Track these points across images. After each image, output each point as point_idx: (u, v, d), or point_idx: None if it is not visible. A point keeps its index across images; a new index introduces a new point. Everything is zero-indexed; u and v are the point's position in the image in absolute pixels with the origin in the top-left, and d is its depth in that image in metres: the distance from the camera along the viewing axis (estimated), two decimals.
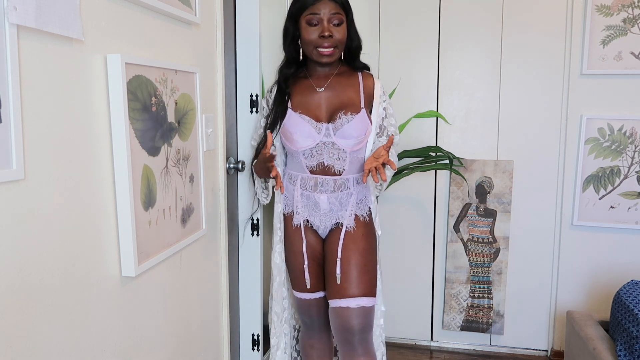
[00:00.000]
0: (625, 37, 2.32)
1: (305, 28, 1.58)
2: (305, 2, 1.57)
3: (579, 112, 2.42)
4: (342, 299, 1.61)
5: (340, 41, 1.59)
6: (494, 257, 2.56)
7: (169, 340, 1.38)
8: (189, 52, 1.44)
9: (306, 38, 1.59)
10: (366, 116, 1.63)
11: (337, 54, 1.62)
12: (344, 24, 1.59)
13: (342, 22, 1.58)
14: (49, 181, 0.91)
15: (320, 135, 1.61)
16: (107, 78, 1.06)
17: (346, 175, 1.65)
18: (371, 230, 1.70)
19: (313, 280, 1.71)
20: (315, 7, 1.56)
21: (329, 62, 1.62)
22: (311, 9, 1.56)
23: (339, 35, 1.58)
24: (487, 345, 2.65)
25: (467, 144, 2.57)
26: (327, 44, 1.57)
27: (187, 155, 1.41)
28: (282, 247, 1.75)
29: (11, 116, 0.80)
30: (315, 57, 1.61)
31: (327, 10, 1.56)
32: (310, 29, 1.57)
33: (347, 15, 1.61)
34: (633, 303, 1.73)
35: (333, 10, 1.56)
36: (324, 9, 1.55)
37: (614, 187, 2.41)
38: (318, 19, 1.56)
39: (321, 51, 1.58)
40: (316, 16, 1.56)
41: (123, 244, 1.12)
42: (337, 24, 1.57)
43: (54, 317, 0.93)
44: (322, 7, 1.55)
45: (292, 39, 1.65)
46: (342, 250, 1.64)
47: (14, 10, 0.79)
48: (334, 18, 1.57)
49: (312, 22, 1.57)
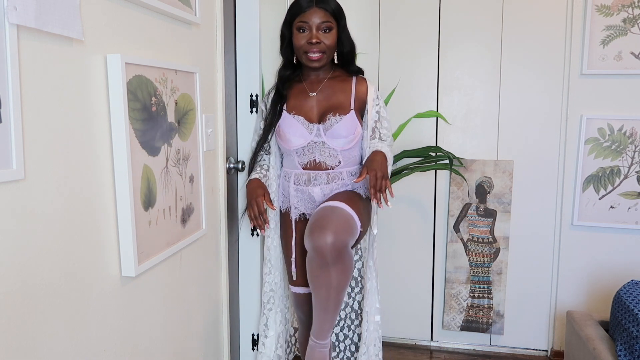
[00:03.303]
0: (625, 37, 2.32)
1: (296, 34, 1.66)
2: (297, 10, 1.65)
3: (579, 112, 2.42)
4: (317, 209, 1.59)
5: (329, 47, 1.66)
6: (494, 257, 2.56)
7: (169, 340, 1.38)
8: (189, 52, 1.44)
9: (296, 44, 1.67)
10: (355, 117, 1.69)
11: (325, 59, 1.68)
12: (333, 30, 1.66)
13: (331, 29, 1.65)
14: (49, 181, 0.91)
15: (311, 135, 1.68)
16: (107, 78, 1.06)
17: (339, 169, 1.72)
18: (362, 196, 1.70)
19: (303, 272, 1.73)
20: (305, 15, 1.63)
21: (318, 67, 1.69)
22: (302, 17, 1.64)
23: (327, 41, 1.65)
24: (487, 345, 2.65)
25: (467, 144, 2.57)
26: (315, 49, 1.64)
27: (187, 155, 1.41)
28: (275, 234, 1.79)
29: (11, 116, 0.80)
30: (305, 62, 1.69)
31: (317, 18, 1.63)
32: (300, 35, 1.65)
33: (338, 22, 1.67)
34: (633, 303, 1.73)
35: (322, 19, 1.63)
36: (314, 17, 1.62)
37: (614, 187, 2.41)
38: (307, 26, 1.64)
39: (310, 56, 1.66)
40: (305, 24, 1.63)
41: (123, 244, 1.12)
42: (325, 30, 1.64)
43: (53, 317, 0.93)
44: (311, 16, 1.63)
45: (288, 43, 1.72)
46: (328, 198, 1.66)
47: (14, 10, 0.79)
48: (322, 25, 1.63)
49: (302, 29, 1.65)
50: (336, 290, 1.51)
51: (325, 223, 1.46)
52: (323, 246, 1.43)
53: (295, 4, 1.66)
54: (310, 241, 1.46)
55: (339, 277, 1.48)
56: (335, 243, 1.43)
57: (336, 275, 1.48)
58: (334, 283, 1.48)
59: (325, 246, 1.42)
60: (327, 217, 1.49)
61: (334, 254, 1.44)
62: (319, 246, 1.43)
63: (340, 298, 1.54)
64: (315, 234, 1.44)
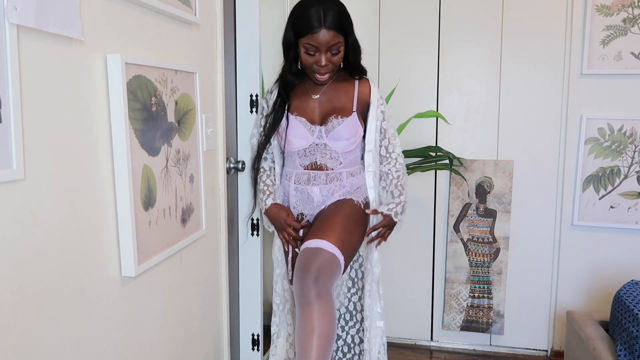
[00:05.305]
0: (625, 37, 2.32)
1: (304, 54, 1.59)
2: (306, 29, 1.54)
3: (579, 112, 2.42)
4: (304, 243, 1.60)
5: (337, 65, 1.64)
6: (494, 257, 2.56)
7: (169, 340, 1.38)
8: (189, 52, 1.44)
9: (304, 63, 1.61)
10: (357, 119, 1.69)
11: (332, 75, 1.67)
12: (342, 47, 1.59)
13: (340, 48, 1.58)
14: (49, 181, 0.91)
15: (313, 136, 1.68)
16: (107, 78, 1.06)
17: (339, 169, 1.71)
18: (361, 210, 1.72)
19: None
20: (314, 37, 1.53)
21: (325, 83, 1.68)
22: (310, 38, 1.54)
23: (336, 60, 1.61)
24: (487, 345, 2.65)
25: (467, 144, 2.57)
26: (324, 71, 1.61)
27: (187, 155, 1.41)
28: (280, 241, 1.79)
29: (11, 116, 0.80)
30: (312, 78, 1.66)
31: (326, 41, 1.54)
32: (308, 57, 1.59)
33: (347, 37, 1.60)
34: (633, 303, 1.73)
35: (332, 42, 1.54)
36: (323, 40, 1.53)
37: (614, 187, 2.41)
38: (316, 49, 1.56)
39: (318, 77, 1.63)
40: (314, 48, 1.55)
41: (123, 243, 1.12)
42: (335, 53, 1.58)
43: (53, 317, 0.93)
44: (320, 38, 1.53)
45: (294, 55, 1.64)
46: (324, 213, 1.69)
47: (14, 10, 0.79)
48: (332, 48, 1.56)
49: (310, 52, 1.57)
50: (319, 339, 1.43)
51: (309, 265, 1.50)
52: (306, 286, 1.47)
53: (303, 18, 1.55)
54: (295, 283, 1.53)
55: (321, 320, 1.44)
56: (317, 284, 1.47)
57: (319, 318, 1.44)
58: (317, 329, 1.43)
59: (308, 285, 1.47)
60: (311, 259, 1.51)
61: (315, 293, 1.46)
62: (302, 286, 1.48)
63: (323, 354, 1.44)
64: (299, 276, 1.50)
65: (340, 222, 1.62)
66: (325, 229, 1.59)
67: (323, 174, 1.71)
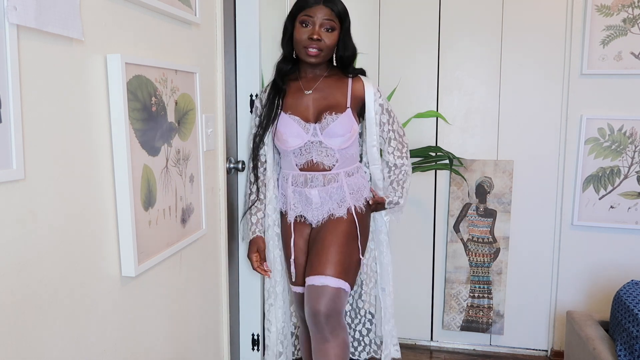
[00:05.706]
0: (625, 37, 2.32)
1: (298, 28, 1.65)
2: (303, 4, 1.64)
3: (579, 112, 2.42)
4: (309, 277, 1.66)
5: (328, 47, 1.65)
6: (494, 257, 2.56)
7: (169, 340, 1.38)
8: (189, 52, 1.44)
9: (296, 37, 1.65)
10: (351, 115, 1.69)
11: (322, 57, 1.67)
12: (335, 31, 1.65)
13: (334, 29, 1.64)
14: (49, 181, 0.91)
15: (308, 135, 1.68)
16: (107, 78, 1.06)
17: (336, 170, 1.71)
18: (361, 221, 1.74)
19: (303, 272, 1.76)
20: (310, 10, 1.62)
21: (316, 63, 1.68)
22: (306, 11, 1.63)
23: (328, 40, 1.64)
24: (487, 345, 2.65)
25: (467, 144, 2.57)
26: (314, 45, 1.63)
27: (187, 155, 1.41)
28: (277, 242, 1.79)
29: (11, 116, 0.80)
30: (302, 56, 1.67)
31: (321, 15, 1.62)
32: (302, 29, 1.64)
33: (341, 24, 1.66)
34: (633, 303, 1.73)
35: (327, 17, 1.62)
36: (319, 13, 1.62)
37: (614, 187, 2.41)
38: (311, 21, 1.63)
39: (308, 51, 1.64)
40: (310, 18, 1.62)
41: (123, 243, 1.12)
42: (328, 29, 1.63)
43: (53, 317, 0.93)
44: (317, 11, 1.62)
45: (289, 37, 1.70)
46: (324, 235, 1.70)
47: (14, 10, 0.79)
48: (326, 23, 1.63)
49: (305, 23, 1.63)
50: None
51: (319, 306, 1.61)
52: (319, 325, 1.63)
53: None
54: (308, 321, 1.66)
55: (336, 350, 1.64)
56: (329, 321, 1.62)
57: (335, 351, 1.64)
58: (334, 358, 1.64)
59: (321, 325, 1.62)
60: (320, 299, 1.62)
61: (329, 329, 1.63)
62: (316, 324, 1.63)
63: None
64: (312, 316, 1.63)
65: (339, 248, 1.67)
66: (325, 261, 1.65)
67: (320, 176, 1.70)
